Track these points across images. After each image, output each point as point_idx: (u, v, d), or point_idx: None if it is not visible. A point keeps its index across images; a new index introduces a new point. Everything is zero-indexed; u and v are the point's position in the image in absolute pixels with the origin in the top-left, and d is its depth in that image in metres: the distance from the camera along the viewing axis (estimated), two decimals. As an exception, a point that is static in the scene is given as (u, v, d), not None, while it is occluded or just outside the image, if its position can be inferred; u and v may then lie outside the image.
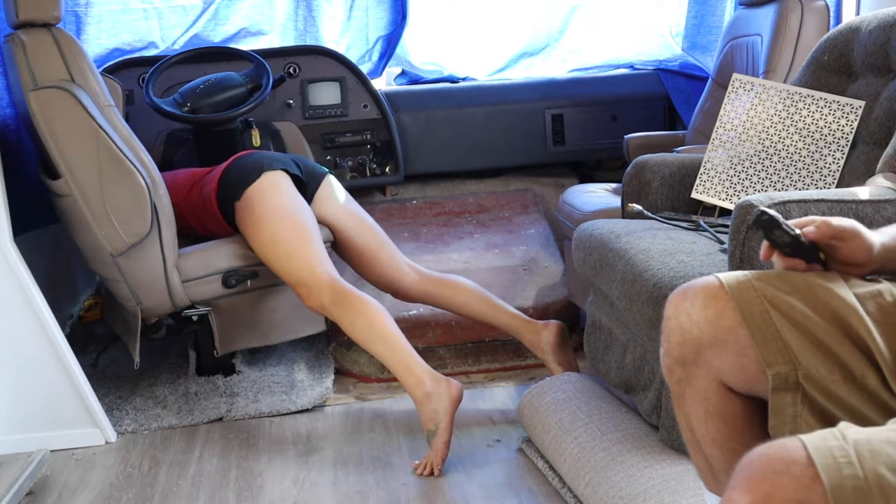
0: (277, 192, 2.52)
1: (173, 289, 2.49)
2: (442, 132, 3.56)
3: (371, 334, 2.33)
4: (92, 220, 2.36)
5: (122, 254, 2.40)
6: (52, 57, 2.34)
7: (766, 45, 2.89)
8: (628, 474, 1.86)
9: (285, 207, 2.50)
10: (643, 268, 1.93)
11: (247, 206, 2.51)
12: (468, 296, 2.64)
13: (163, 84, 3.14)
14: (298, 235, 2.46)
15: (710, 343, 1.20)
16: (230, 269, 2.54)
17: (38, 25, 2.37)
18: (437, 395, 2.22)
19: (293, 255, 2.44)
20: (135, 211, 2.37)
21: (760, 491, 0.84)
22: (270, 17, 3.46)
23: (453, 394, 2.24)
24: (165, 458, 2.37)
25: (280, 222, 2.47)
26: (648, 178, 2.43)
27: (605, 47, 3.75)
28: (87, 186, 2.34)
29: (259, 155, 2.64)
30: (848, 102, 2.19)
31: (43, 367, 2.39)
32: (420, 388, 2.24)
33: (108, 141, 2.33)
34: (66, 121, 2.30)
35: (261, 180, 2.51)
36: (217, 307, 2.59)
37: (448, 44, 3.68)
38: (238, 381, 2.75)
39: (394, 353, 2.30)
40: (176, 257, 2.49)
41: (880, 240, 1.22)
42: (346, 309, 2.36)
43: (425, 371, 2.26)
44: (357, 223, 2.72)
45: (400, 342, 2.32)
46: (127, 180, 2.36)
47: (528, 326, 2.59)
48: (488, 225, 3.45)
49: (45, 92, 2.30)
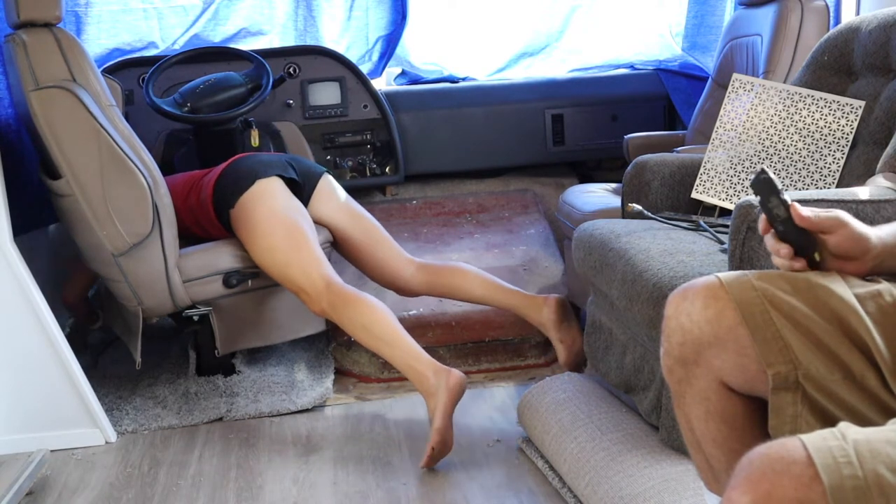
0: (271, 199, 2.52)
1: (174, 289, 2.49)
2: (442, 132, 3.56)
3: (371, 333, 2.34)
4: (93, 219, 2.36)
5: (124, 254, 2.40)
6: (53, 57, 2.34)
7: (766, 45, 2.90)
8: (628, 474, 1.86)
9: (278, 214, 2.50)
10: (643, 268, 1.93)
11: (241, 213, 2.51)
12: (469, 280, 2.65)
13: (163, 84, 3.14)
14: (293, 242, 2.46)
15: (710, 343, 1.20)
16: (231, 269, 2.54)
17: (40, 25, 2.37)
18: (437, 387, 2.22)
19: (289, 263, 2.45)
20: (136, 211, 2.37)
21: (760, 490, 0.84)
22: (270, 17, 3.46)
23: (451, 384, 2.22)
24: (165, 458, 2.37)
25: (274, 229, 2.47)
26: (648, 178, 2.43)
27: (605, 47, 3.76)
28: (89, 186, 2.34)
29: (253, 160, 2.63)
30: (848, 102, 2.19)
31: (43, 367, 2.39)
32: (424, 382, 2.25)
33: (110, 141, 2.33)
34: (68, 120, 2.30)
35: (254, 188, 2.52)
36: (218, 307, 2.59)
37: (448, 44, 3.69)
38: (238, 381, 2.75)
39: (394, 350, 2.31)
40: (177, 257, 2.49)
41: (879, 234, 1.21)
42: (344, 310, 2.37)
43: (427, 364, 2.27)
44: (354, 221, 2.73)
45: (400, 338, 2.32)
46: (128, 180, 2.36)
47: (529, 303, 2.59)
48: (488, 225, 3.45)
49: (47, 91, 2.30)
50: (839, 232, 1.18)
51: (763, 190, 1.18)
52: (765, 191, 1.18)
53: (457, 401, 2.24)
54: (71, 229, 2.55)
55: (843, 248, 1.19)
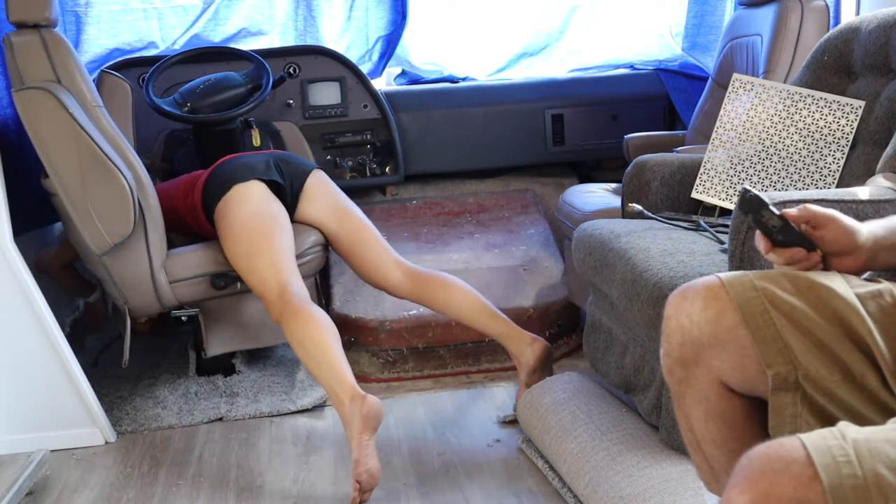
0: (244, 204, 2.48)
1: (160, 289, 2.49)
2: (442, 132, 3.56)
3: (304, 350, 2.22)
4: (76, 219, 2.37)
5: (107, 253, 2.40)
6: (38, 58, 2.35)
7: (766, 45, 2.89)
8: (628, 474, 1.86)
9: (247, 219, 2.46)
10: (643, 268, 1.93)
11: (219, 218, 2.51)
12: (457, 298, 2.52)
13: (163, 84, 3.14)
14: (256, 247, 2.42)
15: (710, 343, 1.20)
16: (218, 271, 2.54)
17: (29, 26, 2.39)
18: (352, 415, 2.07)
19: (251, 269, 2.41)
20: (117, 211, 2.37)
21: (759, 490, 0.84)
22: (270, 17, 3.46)
23: (364, 411, 2.05)
24: (165, 458, 2.37)
25: (240, 234, 2.44)
26: (648, 178, 2.43)
27: (605, 47, 3.75)
28: (70, 186, 2.35)
29: (237, 163, 2.61)
30: (848, 102, 2.19)
31: (43, 367, 2.39)
32: (341, 408, 2.11)
33: (90, 142, 2.33)
34: (48, 121, 2.31)
35: (231, 193, 2.50)
36: (206, 309, 2.59)
37: (448, 44, 3.69)
38: (238, 381, 2.75)
39: (320, 370, 2.17)
40: (164, 258, 2.49)
41: (869, 228, 1.22)
42: (288, 322, 2.27)
43: (347, 391, 2.11)
44: (344, 220, 2.66)
45: (328, 361, 2.17)
46: (109, 180, 2.35)
47: (515, 335, 2.47)
48: (488, 225, 3.45)
49: (28, 92, 2.31)
50: (830, 227, 1.19)
51: (752, 207, 1.19)
52: (754, 207, 1.19)
53: (373, 428, 2.06)
54: (65, 227, 2.59)
55: (838, 243, 1.20)
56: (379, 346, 2.82)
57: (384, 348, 2.82)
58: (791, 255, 1.20)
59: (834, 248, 1.20)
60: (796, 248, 1.20)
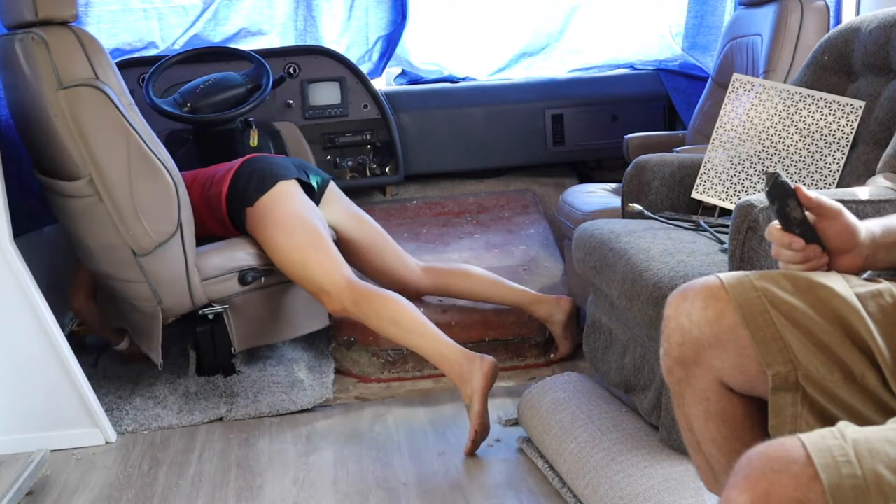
0: (291, 201, 2.57)
1: (193, 288, 2.51)
2: (442, 132, 3.57)
3: (401, 326, 2.40)
4: (118, 220, 2.35)
5: (149, 253, 2.40)
6: (76, 55, 2.31)
7: (766, 45, 2.90)
8: (628, 474, 1.86)
9: (298, 215, 2.55)
10: (643, 268, 1.93)
11: (260, 213, 2.54)
12: (478, 281, 2.79)
13: (163, 84, 3.14)
14: (312, 242, 2.51)
15: (710, 343, 1.20)
16: (247, 266, 2.57)
17: (57, 23, 2.34)
18: (471, 373, 2.29)
19: (309, 263, 2.50)
20: (163, 209, 2.39)
21: (759, 489, 0.84)
22: (270, 17, 3.46)
23: (486, 370, 2.29)
24: (165, 458, 2.37)
25: (294, 230, 2.52)
26: (648, 178, 2.43)
27: (605, 47, 3.76)
28: (116, 186, 2.33)
29: (271, 161, 2.67)
30: (848, 102, 2.19)
31: (43, 367, 2.39)
32: (456, 369, 2.31)
33: (139, 139, 2.33)
34: (98, 119, 2.29)
35: (276, 188, 2.56)
36: (233, 305, 2.61)
37: (448, 44, 3.69)
38: (238, 381, 2.75)
39: (426, 340, 2.38)
40: (195, 256, 2.50)
41: (867, 227, 1.22)
42: (370, 307, 2.43)
43: (458, 352, 2.33)
44: (361, 225, 2.80)
45: (428, 329, 2.39)
46: (156, 179, 2.36)
47: (542, 300, 2.76)
48: (488, 225, 3.45)
49: (77, 90, 2.27)
50: (835, 220, 1.19)
51: (780, 194, 1.17)
52: (781, 195, 1.17)
53: (491, 384, 2.31)
54: (81, 231, 2.49)
55: (840, 238, 1.20)
56: (379, 347, 2.82)
57: (384, 348, 2.82)
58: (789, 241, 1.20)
59: (836, 244, 1.20)
60: (813, 245, 1.19)
